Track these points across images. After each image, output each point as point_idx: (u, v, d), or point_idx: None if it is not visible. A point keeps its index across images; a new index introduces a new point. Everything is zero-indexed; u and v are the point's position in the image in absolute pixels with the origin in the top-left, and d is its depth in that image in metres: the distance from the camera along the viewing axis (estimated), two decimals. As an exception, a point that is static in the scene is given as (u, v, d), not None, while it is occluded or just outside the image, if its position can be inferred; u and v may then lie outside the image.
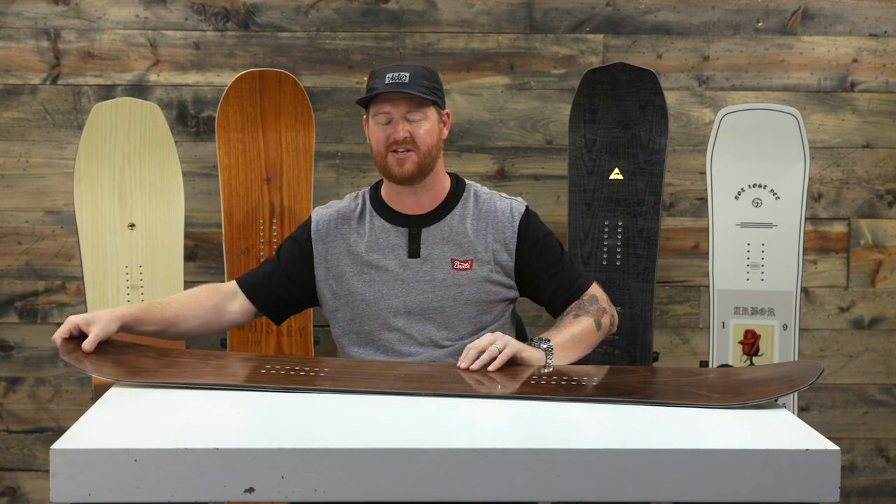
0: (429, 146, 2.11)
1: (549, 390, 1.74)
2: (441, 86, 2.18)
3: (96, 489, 1.40)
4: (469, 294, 2.13)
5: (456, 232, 2.16)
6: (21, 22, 3.03)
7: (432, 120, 2.13)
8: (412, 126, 2.10)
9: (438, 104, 2.15)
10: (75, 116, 3.05)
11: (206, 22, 3.05)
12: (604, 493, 1.43)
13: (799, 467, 1.43)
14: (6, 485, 3.16)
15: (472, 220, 2.17)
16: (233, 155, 2.87)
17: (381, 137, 2.12)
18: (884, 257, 3.15)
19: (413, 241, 2.16)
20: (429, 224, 2.17)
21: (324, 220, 2.22)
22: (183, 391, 1.76)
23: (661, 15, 3.07)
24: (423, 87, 2.10)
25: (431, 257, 2.15)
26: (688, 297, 3.15)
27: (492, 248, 2.16)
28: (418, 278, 2.14)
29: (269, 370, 1.88)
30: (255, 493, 1.41)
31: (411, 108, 2.10)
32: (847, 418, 3.19)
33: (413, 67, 2.12)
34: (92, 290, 2.80)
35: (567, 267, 2.20)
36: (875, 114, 3.11)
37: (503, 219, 2.17)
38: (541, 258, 2.18)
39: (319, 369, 1.91)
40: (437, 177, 2.18)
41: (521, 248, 2.17)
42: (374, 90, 2.11)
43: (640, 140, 2.83)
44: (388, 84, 2.09)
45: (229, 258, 2.86)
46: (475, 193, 2.22)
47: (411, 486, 1.42)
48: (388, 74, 2.10)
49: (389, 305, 2.14)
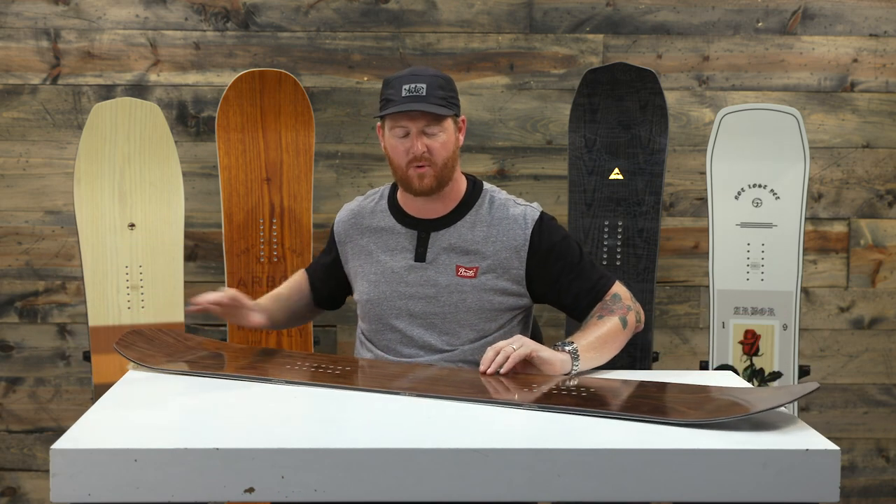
0: (445, 159, 2.10)
1: (564, 401, 1.72)
2: (456, 93, 2.15)
3: (96, 489, 1.40)
4: (471, 301, 2.12)
5: (464, 238, 2.15)
6: (21, 22, 3.03)
7: (449, 131, 2.11)
8: (430, 140, 2.08)
9: (456, 113, 2.14)
10: (75, 116, 3.05)
11: (206, 22, 3.05)
12: (604, 493, 1.43)
13: (799, 467, 1.43)
14: (6, 485, 3.16)
15: (483, 226, 2.15)
16: (233, 155, 2.87)
17: (401, 152, 2.10)
18: (884, 257, 3.15)
19: (420, 244, 2.15)
20: (438, 229, 2.16)
21: (343, 219, 2.28)
22: (183, 392, 1.77)
23: (661, 15, 3.07)
24: (439, 98, 2.08)
25: (437, 262, 2.14)
26: (688, 297, 3.15)
27: (501, 255, 2.14)
28: (421, 282, 2.13)
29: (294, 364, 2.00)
30: (255, 493, 1.41)
31: (429, 122, 2.07)
32: (847, 418, 3.19)
33: (428, 77, 2.09)
34: (92, 290, 2.80)
35: (587, 268, 2.17)
36: (875, 114, 3.11)
37: (515, 226, 2.15)
38: (559, 262, 2.15)
39: (342, 369, 1.98)
40: (453, 183, 2.17)
41: (534, 255, 2.14)
42: (389, 102, 2.09)
43: (640, 140, 2.83)
44: (404, 98, 2.06)
45: (229, 258, 2.86)
46: (490, 199, 2.19)
47: (411, 486, 1.42)
48: (404, 86, 2.07)
49: (392, 306, 2.14)
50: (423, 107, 2.05)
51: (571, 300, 2.16)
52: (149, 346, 2.04)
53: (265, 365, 2.05)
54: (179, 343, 2.12)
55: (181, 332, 2.21)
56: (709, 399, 1.73)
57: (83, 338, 3.08)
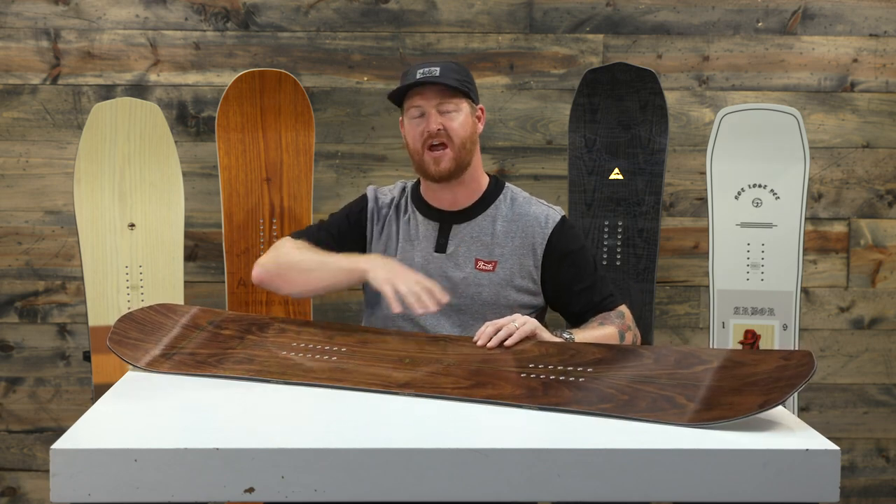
0: (463, 139, 2.11)
1: (564, 395, 1.70)
2: (472, 81, 2.19)
3: (96, 489, 1.40)
4: (487, 295, 2.12)
5: (485, 232, 2.15)
6: (21, 22, 3.03)
7: (465, 112, 2.13)
8: (445, 118, 2.10)
9: (471, 97, 2.15)
10: (75, 116, 3.05)
11: (206, 22, 3.05)
12: (604, 493, 1.43)
13: (799, 467, 1.43)
14: (6, 485, 3.16)
15: (503, 221, 2.16)
16: (233, 155, 2.87)
17: (416, 134, 2.12)
18: (884, 257, 3.15)
19: (442, 235, 2.16)
20: (460, 221, 2.17)
21: (381, 200, 2.26)
22: (183, 392, 1.77)
23: (661, 15, 3.07)
24: (454, 79, 2.11)
25: (456, 254, 2.14)
26: (688, 297, 3.15)
27: (519, 252, 2.14)
28: (440, 273, 2.13)
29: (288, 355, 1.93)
30: (255, 493, 1.41)
31: (443, 98, 2.10)
32: (847, 418, 3.19)
33: (443, 63, 2.14)
34: (92, 290, 2.80)
35: (599, 283, 2.18)
36: (875, 114, 3.11)
37: (535, 224, 2.16)
38: (572, 270, 2.15)
39: (338, 349, 1.94)
40: (474, 173, 2.17)
41: (549, 257, 2.15)
42: (405, 85, 2.12)
43: (640, 140, 2.83)
44: (418, 79, 2.10)
45: (229, 258, 2.86)
46: (512, 196, 2.21)
47: (411, 486, 1.42)
48: (419, 70, 2.12)
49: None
50: (436, 79, 2.07)
51: (579, 309, 2.17)
52: (141, 335, 2.00)
53: (261, 352, 1.97)
54: (171, 321, 2.06)
55: (172, 307, 2.13)
56: (706, 385, 1.70)
57: (83, 338, 3.08)
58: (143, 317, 2.06)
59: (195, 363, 1.91)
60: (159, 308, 2.11)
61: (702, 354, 1.77)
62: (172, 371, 1.88)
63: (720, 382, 1.67)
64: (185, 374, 1.87)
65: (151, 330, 2.03)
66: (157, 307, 2.11)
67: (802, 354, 1.65)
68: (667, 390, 1.67)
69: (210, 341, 2.01)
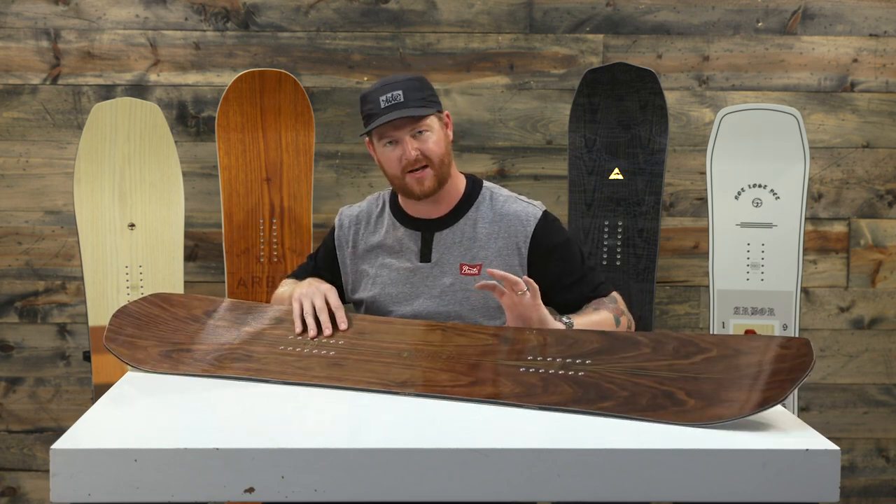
0: (440, 156, 2.11)
1: (564, 392, 1.70)
2: (433, 91, 2.17)
3: (96, 489, 1.40)
4: (475, 300, 2.12)
5: (466, 236, 2.15)
6: (21, 22, 3.03)
7: (436, 129, 2.12)
8: (419, 142, 2.09)
9: (437, 109, 2.14)
10: (75, 116, 3.05)
11: (206, 22, 3.05)
12: (604, 493, 1.43)
13: (799, 467, 1.43)
14: (6, 485, 3.16)
15: (485, 223, 2.16)
16: (233, 155, 2.87)
17: (394, 161, 2.11)
18: (884, 257, 3.15)
19: (425, 245, 2.16)
20: (441, 228, 2.17)
21: (345, 223, 2.27)
22: (183, 392, 1.77)
23: (661, 15, 3.07)
24: (418, 101, 2.09)
25: (441, 262, 2.15)
26: (688, 297, 3.15)
27: (504, 252, 2.14)
28: (427, 283, 2.14)
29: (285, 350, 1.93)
30: (255, 493, 1.41)
31: (414, 125, 2.09)
32: (847, 418, 3.19)
33: (402, 82, 2.10)
34: (92, 290, 2.80)
35: (589, 274, 2.19)
36: (875, 114, 3.11)
37: (517, 223, 2.15)
38: (560, 264, 2.15)
39: (336, 342, 1.94)
40: (451, 180, 2.17)
41: (535, 254, 2.15)
42: (371, 117, 2.10)
43: (640, 140, 2.83)
44: (384, 109, 2.07)
45: (229, 258, 2.86)
46: (491, 196, 2.20)
47: (411, 486, 1.42)
48: (381, 98, 2.08)
49: (398, 308, 2.14)
50: (405, 112, 2.06)
51: (571, 301, 2.17)
52: (137, 330, 1.99)
53: (259, 348, 1.97)
54: (167, 313, 2.05)
55: (167, 297, 2.12)
56: (705, 377, 1.69)
57: (83, 338, 3.08)
58: (138, 310, 2.05)
59: (193, 361, 1.91)
60: (153, 299, 2.10)
61: (700, 342, 1.76)
62: (172, 371, 1.89)
63: (720, 375, 1.66)
64: (185, 375, 1.87)
65: (147, 324, 2.02)
66: (151, 298, 2.10)
67: (801, 343, 1.65)
68: (666, 384, 1.67)
69: (208, 335, 2.01)
